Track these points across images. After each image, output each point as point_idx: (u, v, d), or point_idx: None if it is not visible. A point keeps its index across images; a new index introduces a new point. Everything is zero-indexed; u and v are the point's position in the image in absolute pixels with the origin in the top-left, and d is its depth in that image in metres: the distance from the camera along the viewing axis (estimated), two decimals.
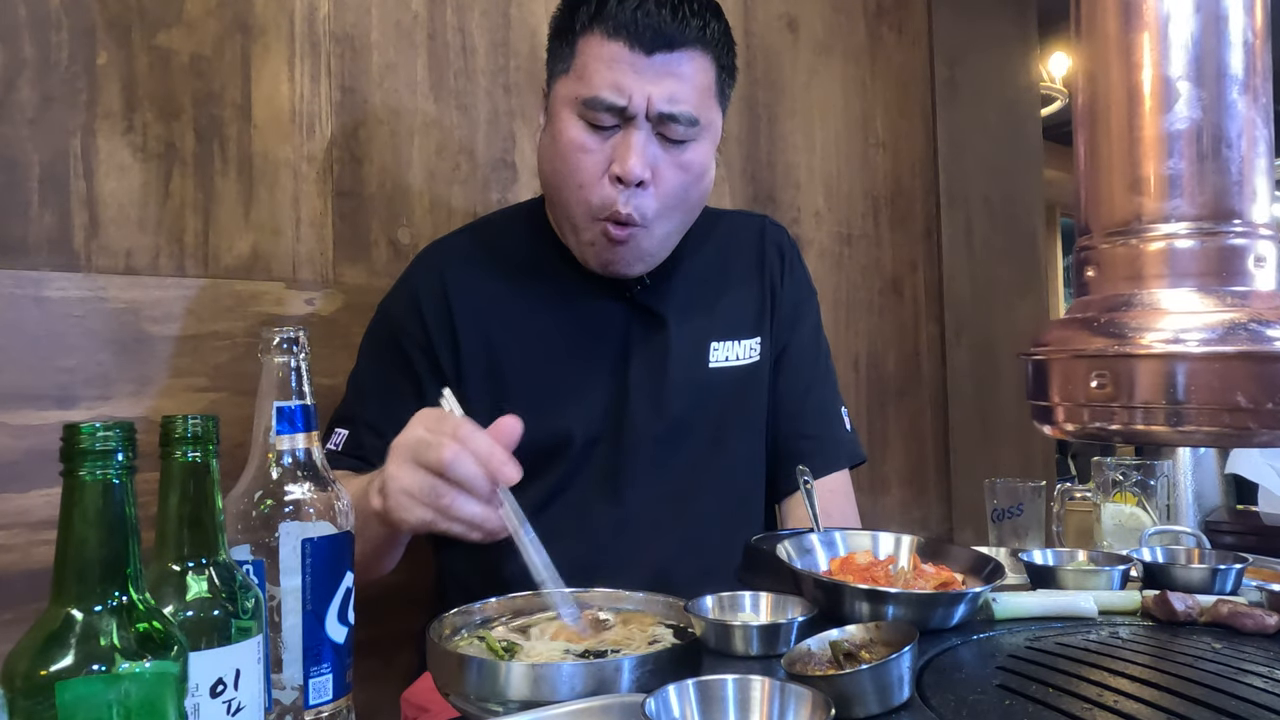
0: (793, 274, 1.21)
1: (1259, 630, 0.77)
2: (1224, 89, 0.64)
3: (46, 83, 1.05)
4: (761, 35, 1.86)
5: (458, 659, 0.65)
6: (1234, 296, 0.63)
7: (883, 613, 0.74)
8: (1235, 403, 0.60)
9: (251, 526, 0.67)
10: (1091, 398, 0.65)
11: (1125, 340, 0.63)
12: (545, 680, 0.62)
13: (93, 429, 0.49)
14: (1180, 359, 0.61)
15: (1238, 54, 0.64)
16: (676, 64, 0.99)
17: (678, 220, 1.06)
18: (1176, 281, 0.64)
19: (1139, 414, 0.63)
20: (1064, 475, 3.33)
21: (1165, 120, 0.64)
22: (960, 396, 2.23)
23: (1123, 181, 0.66)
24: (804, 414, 1.19)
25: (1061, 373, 0.68)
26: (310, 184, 1.24)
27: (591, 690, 0.62)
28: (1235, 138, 0.64)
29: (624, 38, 0.97)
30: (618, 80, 0.97)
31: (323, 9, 1.26)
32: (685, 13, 0.98)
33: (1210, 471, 1.70)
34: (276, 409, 0.69)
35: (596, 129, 0.99)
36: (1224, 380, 0.60)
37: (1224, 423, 0.60)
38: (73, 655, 0.47)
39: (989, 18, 2.38)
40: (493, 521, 0.82)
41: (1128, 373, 0.63)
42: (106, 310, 1.08)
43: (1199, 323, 0.62)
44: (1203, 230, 0.64)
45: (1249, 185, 0.64)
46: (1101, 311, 0.66)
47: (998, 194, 2.36)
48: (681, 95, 0.99)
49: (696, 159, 1.03)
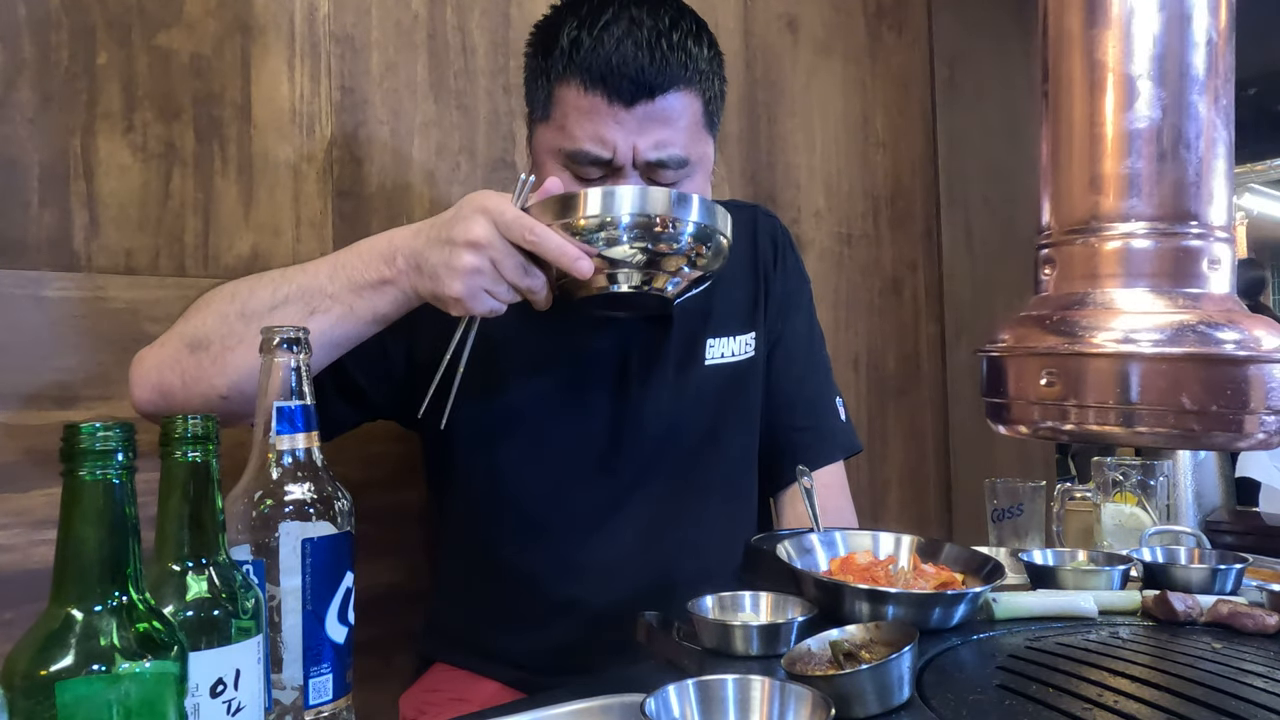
0: (785, 263, 1.20)
1: (1259, 630, 0.77)
2: (1185, 89, 0.63)
3: (46, 83, 1.05)
4: (761, 35, 1.86)
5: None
6: (1186, 298, 0.63)
7: (883, 613, 0.74)
8: (1181, 404, 0.60)
9: (251, 526, 0.67)
10: (1042, 396, 0.65)
11: (1077, 339, 0.63)
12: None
13: (93, 429, 0.49)
14: (1130, 359, 0.61)
15: (1200, 54, 0.63)
16: (660, 110, 0.94)
17: None
18: (1131, 281, 0.64)
19: (1091, 413, 0.63)
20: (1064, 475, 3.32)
21: (1125, 119, 0.64)
22: (960, 396, 2.23)
23: (1082, 179, 0.66)
24: (798, 405, 1.19)
25: (1014, 370, 0.67)
26: (310, 184, 1.24)
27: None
28: (1194, 139, 0.63)
29: (601, 90, 0.92)
30: (600, 133, 0.93)
31: (323, 9, 1.26)
32: (663, 52, 0.93)
33: (1210, 471, 1.71)
34: (276, 409, 0.69)
35: (584, 180, 0.96)
36: (1170, 381, 0.60)
37: (1170, 424, 0.60)
38: (73, 655, 0.47)
39: (989, 18, 2.38)
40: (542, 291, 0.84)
41: (1078, 371, 0.63)
42: (106, 310, 1.08)
43: (1150, 323, 0.61)
44: (1159, 230, 0.64)
45: (1206, 187, 0.64)
46: (1056, 309, 0.66)
47: (998, 194, 2.35)
48: (668, 139, 0.95)
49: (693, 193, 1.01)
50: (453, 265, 0.81)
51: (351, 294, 0.86)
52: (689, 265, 0.85)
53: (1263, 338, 0.60)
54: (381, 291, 0.86)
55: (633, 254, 0.81)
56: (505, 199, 0.83)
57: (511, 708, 0.72)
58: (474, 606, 1.12)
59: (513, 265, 0.82)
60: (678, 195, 0.83)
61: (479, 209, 0.82)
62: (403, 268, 0.85)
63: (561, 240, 0.81)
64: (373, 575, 1.24)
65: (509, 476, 1.07)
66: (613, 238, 0.81)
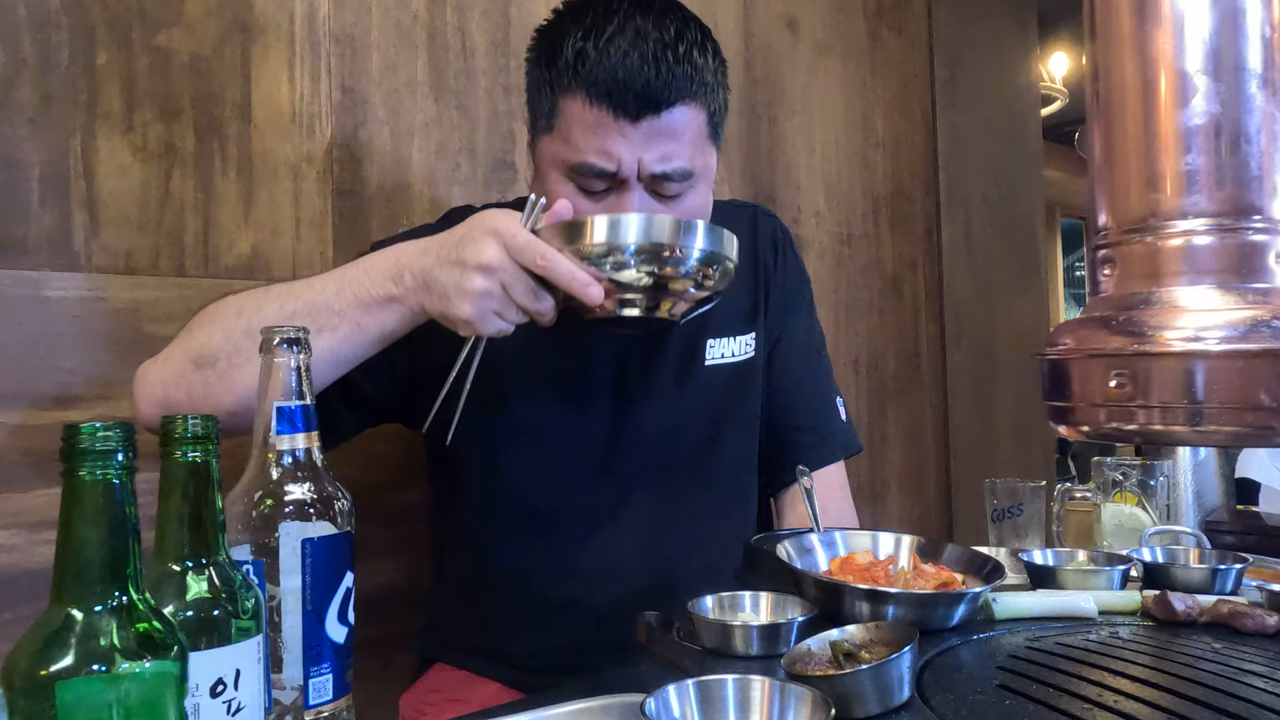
0: (785, 263, 1.20)
1: (1259, 630, 0.77)
2: (1242, 83, 0.63)
3: (46, 83, 1.05)
4: (761, 35, 1.86)
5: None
6: (1255, 294, 0.62)
7: (883, 613, 0.74)
8: (1258, 401, 0.59)
9: (251, 526, 0.67)
10: (1110, 397, 0.64)
11: (1144, 339, 0.62)
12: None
13: (93, 429, 0.49)
14: (1200, 357, 0.60)
15: (1255, 47, 0.63)
16: (666, 124, 0.92)
17: None
18: (1195, 279, 0.63)
19: (1157, 414, 0.62)
20: (1064, 475, 3.33)
21: (1182, 115, 0.63)
22: (960, 396, 2.23)
23: (1139, 178, 0.65)
24: (798, 406, 1.19)
25: (1079, 372, 0.66)
26: (310, 184, 1.24)
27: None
28: (1254, 132, 0.63)
29: (607, 104, 0.91)
30: (605, 146, 0.92)
31: (323, 9, 1.26)
32: (669, 64, 0.91)
33: (1210, 471, 1.71)
34: (276, 409, 0.69)
35: (588, 192, 0.96)
36: (1246, 379, 0.59)
37: (1246, 422, 0.59)
38: (73, 655, 0.47)
39: (989, 18, 2.38)
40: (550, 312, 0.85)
41: (1146, 372, 0.62)
42: (106, 310, 1.08)
43: (1219, 320, 0.61)
44: (1222, 226, 0.63)
45: (1269, 180, 0.63)
46: (1119, 310, 0.65)
47: (998, 194, 2.36)
48: (674, 152, 0.94)
49: (694, 205, 1.00)
50: (463, 288, 0.82)
51: (359, 311, 0.86)
52: (695, 287, 0.86)
53: None
54: (389, 309, 0.86)
55: (641, 279, 0.82)
56: (515, 221, 0.83)
57: (511, 708, 0.72)
58: (474, 607, 1.12)
59: (523, 289, 0.82)
60: (684, 223, 0.83)
61: (490, 231, 0.82)
62: (411, 286, 0.85)
63: (572, 266, 0.81)
64: (373, 575, 1.24)
65: (510, 476, 1.07)
66: (621, 263, 0.82)
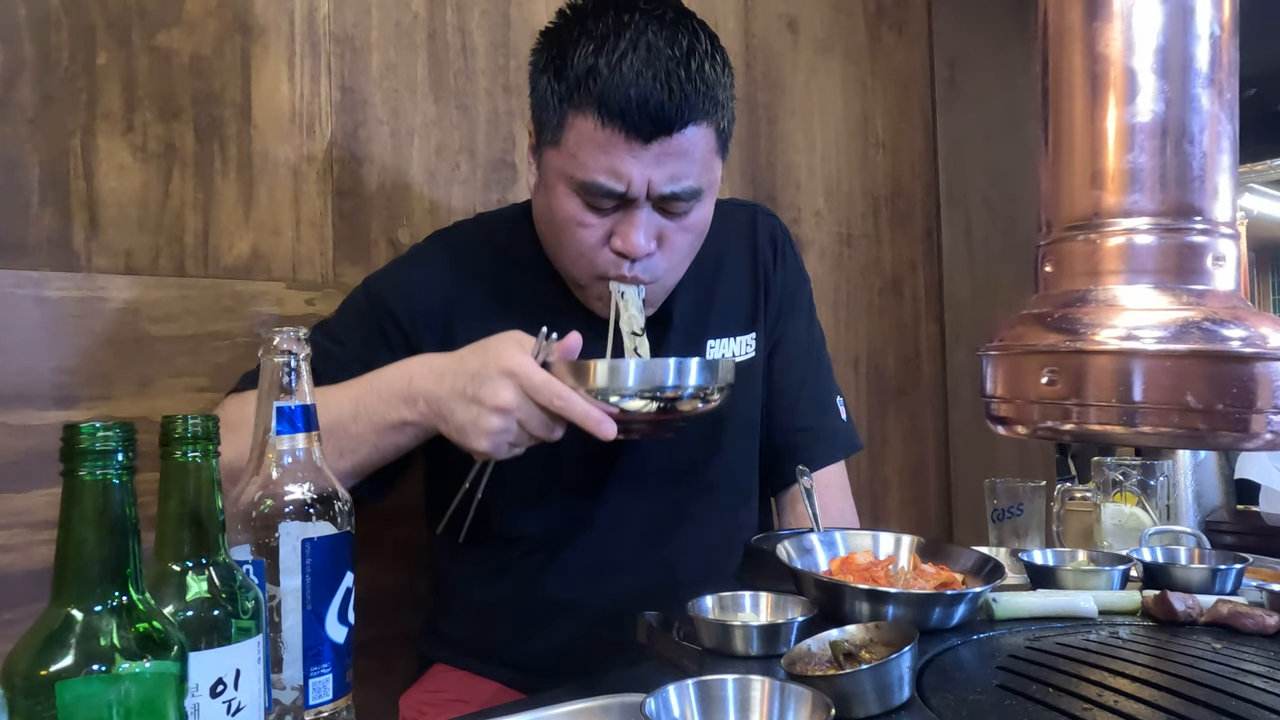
0: (785, 263, 1.20)
1: (1259, 630, 0.77)
2: (1188, 83, 0.62)
3: (46, 83, 1.05)
4: (761, 35, 1.86)
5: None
6: (1190, 295, 0.62)
7: (883, 613, 0.74)
8: (1185, 402, 0.58)
9: (251, 526, 0.67)
10: (1042, 395, 0.63)
11: (1078, 336, 0.62)
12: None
13: (93, 429, 0.49)
14: (1133, 356, 0.60)
15: (1204, 47, 0.62)
16: (677, 145, 0.92)
17: (685, 267, 1.05)
18: (1134, 278, 0.63)
19: (1092, 412, 0.61)
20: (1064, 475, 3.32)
21: (1127, 113, 0.63)
22: (960, 396, 2.23)
23: (1083, 175, 0.65)
24: (799, 407, 1.19)
25: (1014, 369, 0.66)
26: (310, 184, 1.24)
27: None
28: (1198, 133, 0.62)
29: (619, 126, 0.89)
30: (615, 167, 0.91)
31: (323, 9, 1.26)
32: (681, 85, 0.90)
33: (1210, 471, 1.71)
34: (276, 409, 0.69)
35: (595, 208, 0.95)
36: (1175, 379, 0.59)
37: (1173, 423, 0.59)
38: (73, 655, 0.47)
39: (989, 18, 2.38)
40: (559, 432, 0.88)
41: (1079, 370, 0.62)
42: (106, 310, 1.08)
43: (1154, 320, 0.60)
44: (1162, 226, 0.62)
45: (1210, 181, 0.63)
46: (1057, 307, 0.65)
47: (998, 194, 2.35)
48: (684, 173, 0.93)
49: (700, 219, 1.00)
50: (480, 426, 0.85)
51: (375, 434, 0.91)
52: (702, 404, 0.90)
53: (1269, 335, 0.59)
54: (404, 431, 0.90)
55: (648, 406, 0.87)
56: (528, 358, 0.85)
57: (511, 708, 0.72)
58: (473, 608, 1.12)
59: (539, 424, 0.86)
60: (678, 364, 0.87)
61: (506, 372, 0.84)
62: (425, 412, 0.88)
63: (586, 405, 0.84)
64: (373, 575, 1.24)
65: (509, 477, 1.07)
66: (629, 397, 0.87)
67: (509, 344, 0.86)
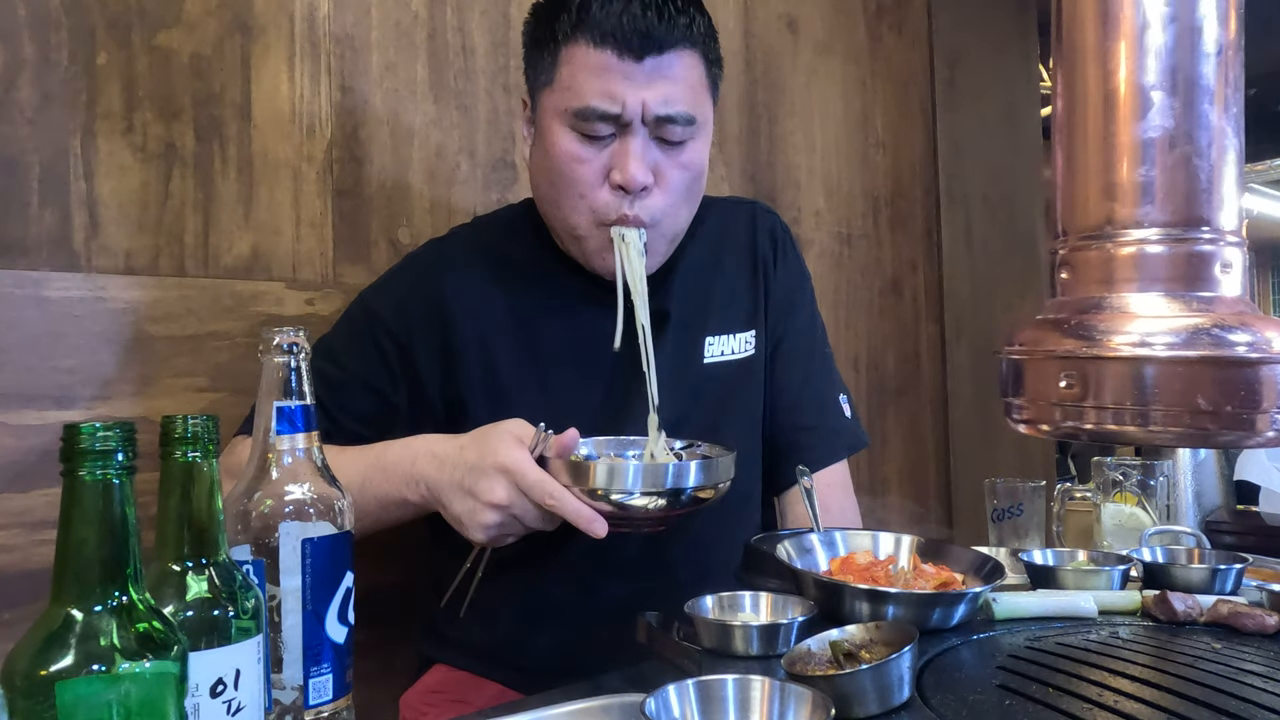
0: (785, 261, 1.20)
1: (1259, 630, 0.77)
2: (1196, 99, 0.65)
3: (46, 83, 1.05)
4: (761, 35, 1.86)
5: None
6: (1200, 302, 0.65)
7: (883, 613, 0.74)
8: (1196, 405, 0.62)
9: (251, 526, 0.67)
10: (1062, 397, 0.67)
11: (1094, 342, 0.65)
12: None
13: (93, 429, 0.49)
14: (1146, 362, 0.63)
15: (1210, 65, 0.65)
16: (668, 65, 0.96)
17: (684, 217, 1.06)
18: (1146, 286, 0.66)
19: (1108, 414, 0.65)
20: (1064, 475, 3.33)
21: (1139, 128, 0.66)
22: (960, 396, 2.23)
23: (1097, 186, 0.68)
24: (802, 405, 1.18)
25: (1034, 372, 0.70)
26: (310, 184, 1.24)
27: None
28: (1206, 146, 0.65)
29: (611, 45, 0.94)
30: (609, 88, 0.95)
31: (323, 9, 1.26)
32: (671, 11, 0.95)
33: (1210, 471, 1.71)
34: (276, 409, 0.69)
35: (591, 139, 0.97)
36: (1186, 383, 0.62)
37: (1185, 424, 0.63)
38: (73, 655, 0.47)
39: (989, 18, 2.38)
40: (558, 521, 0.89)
41: (1096, 374, 0.65)
42: (106, 310, 1.08)
43: (1165, 327, 0.64)
44: (1172, 236, 0.66)
45: (1218, 193, 0.66)
46: (1073, 313, 0.68)
47: (998, 194, 2.36)
48: (676, 96, 0.97)
49: (696, 157, 1.02)
50: (476, 520, 0.88)
51: (380, 509, 0.95)
52: (696, 503, 0.91)
53: (1274, 339, 0.62)
54: (406, 508, 0.95)
55: (645, 505, 0.88)
56: (524, 455, 0.87)
57: (511, 708, 0.72)
58: (473, 609, 1.12)
59: (533, 517, 0.88)
60: (675, 469, 0.88)
61: (501, 469, 0.86)
62: (426, 495, 0.92)
63: (579, 505, 0.86)
64: (373, 575, 1.23)
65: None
66: (624, 496, 0.88)
67: (506, 438, 0.88)
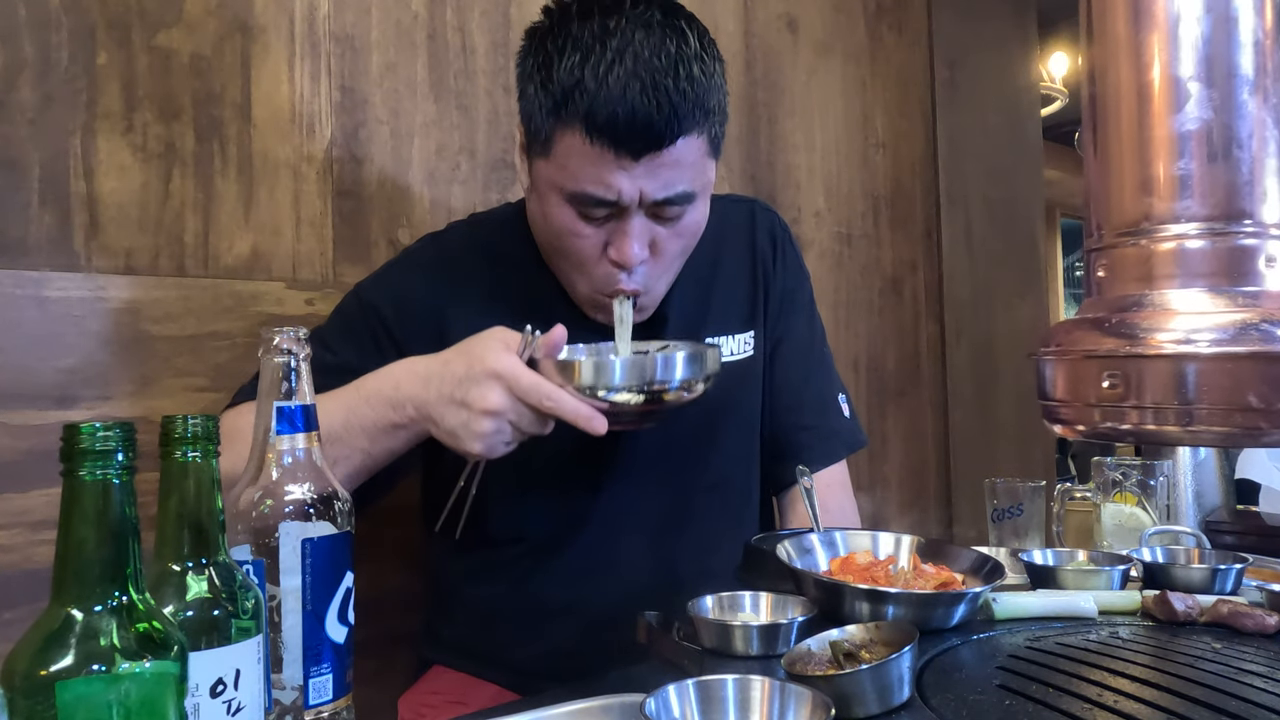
0: (784, 260, 1.19)
1: (1259, 630, 0.77)
2: (1234, 89, 0.64)
3: (46, 83, 1.05)
4: (761, 35, 1.86)
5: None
6: (1245, 297, 0.63)
7: (883, 613, 0.74)
8: (1246, 403, 0.60)
9: (251, 526, 0.67)
10: (1103, 398, 0.65)
11: (1136, 341, 0.63)
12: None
13: (92, 429, 0.49)
14: (1191, 359, 0.61)
15: (1248, 54, 0.64)
16: (668, 157, 0.90)
17: (677, 271, 1.05)
18: (1187, 282, 0.64)
19: (1150, 414, 0.63)
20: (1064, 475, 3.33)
21: (1176, 120, 0.64)
22: (960, 396, 2.23)
23: (1133, 182, 0.66)
24: (802, 405, 1.18)
25: (1073, 373, 0.68)
26: (310, 184, 1.24)
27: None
28: (1246, 138, 0.64)
29: (607, 143, 0.88)
30: (605, 179, 0.90)
31: (323, 9, 1.26)
32: (669, 96, 0.87)
33: (1210, 471, 1.70)
34: (276, 409, 0.69)
35: (588, 218, 0.95)
36: (1235, 380, 0.60)
37: (1235, 423, 0.61)
38: (73, 655, 0.47)
39: (989, 18, 2.38)
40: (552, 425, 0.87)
41: (1138, 373, 0.63)
42: (106, 310, 1.08)
43: (1210, 323, 0.62)
44: (1213, 230, 0.64)
45: (1260, 185, 0.64)
46: (1112, 312, 0.66)
47: (998, 194, 2.36)
48: (676, 179, 0.92)
49: (694, 222, 0.99)
50: (472, 429, 0.85)
51: (367, 440, 0.90)
52: (687, 392, 0.90)
53: None
54: (394, 434, 0.90)
55: (636, 399, 0.88)
56: (514, 357, 0.85)
57: (510, 708, 0.72)
58: (470, 609, 1.12)
59: (530, 422, 0.86)
60: (668, 360, 0.87)
61: (492, 374, 0.84)
62: (414, 416, 0.88)
63: (576, 403, 0.84)
64: (373, 575, 1.24)
65: (506, 478, 1.07)
66: (616, 391, 0.87)
67: (493, 344, 0.86)
